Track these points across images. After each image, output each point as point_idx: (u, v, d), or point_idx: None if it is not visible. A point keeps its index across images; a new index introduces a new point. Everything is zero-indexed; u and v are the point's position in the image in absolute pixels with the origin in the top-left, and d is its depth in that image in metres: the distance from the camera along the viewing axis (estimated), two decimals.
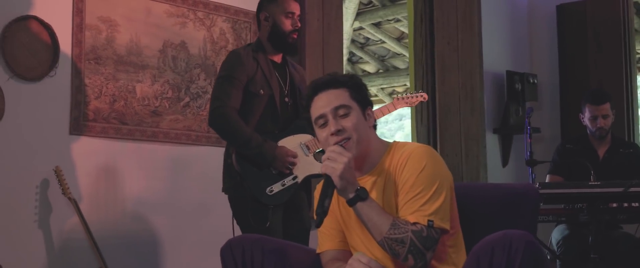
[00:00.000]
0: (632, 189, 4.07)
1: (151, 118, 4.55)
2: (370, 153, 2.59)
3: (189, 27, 4.77)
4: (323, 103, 2.55)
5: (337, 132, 2.51)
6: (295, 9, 3.97)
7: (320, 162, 3.93)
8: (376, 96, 11.13)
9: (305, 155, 3.89)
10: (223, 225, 3.91)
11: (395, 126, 15.19)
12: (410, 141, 6.17)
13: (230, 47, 4.88)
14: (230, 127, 3.77)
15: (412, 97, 4.19)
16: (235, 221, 3.87)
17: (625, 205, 4.32)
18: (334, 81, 2.57)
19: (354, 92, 2.57)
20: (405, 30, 9.08)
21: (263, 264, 2.45)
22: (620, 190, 4.07)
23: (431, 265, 2.45)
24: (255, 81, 3.86)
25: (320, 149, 3.97)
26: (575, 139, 5.10)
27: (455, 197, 2.57)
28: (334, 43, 5.46)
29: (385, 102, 11.44)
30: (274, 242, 2.54)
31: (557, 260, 4.55)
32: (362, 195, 2.42)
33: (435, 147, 6.03)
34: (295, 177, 3.82)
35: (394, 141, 2.67)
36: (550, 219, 4.42)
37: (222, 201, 3.96)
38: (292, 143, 3.89)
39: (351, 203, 2.42)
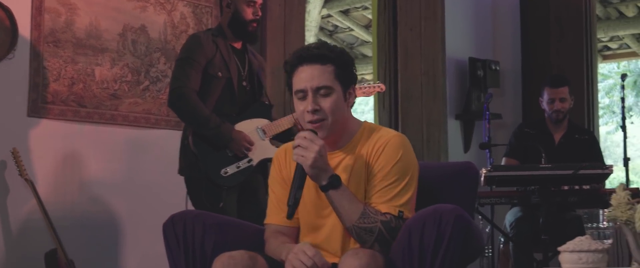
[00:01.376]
0: (581, 171, 4.16)
1: (110, 101, 4.57)
2: (344, 132, 2.59)
3: (149, 11, 4.79)
4: (306, 77, 2.50)
5: (314, 111, 2.49)
6: None
7: (275, 147, 4.01)
8: None
9: (261, 139, 3.94)
10: (181, 207, 3.94)
11: (371, 117, 15.22)
12: None
13: (190, 32, 4.90)
14: (189, 107, 3.82)
15: (369, 87, 4.25)
16: (190, 202, 3.92)
17: (576, 187, 4.41)
18: (322, 56, 2.50)
19: (340, 70, 2.53)
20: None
21: (203, 239, 2.49)
22: (570, 172, 4.16)
23: None
24: (214, 64, 3.91)
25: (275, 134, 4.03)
26: (533, 124, 5.18)
27: None
28: (295, 29, 5.49)
29: None
30: (215, 217, 2.59)
31: (510, 242, 4.63)
32: (335, 183, 2.43)
33: None
34: (250, 160, 3.87)
35: (365, 122, 2.68)
36: (503, 201, 4.50)
37: (180, 184, 4.00)
38: (248, 126, 3.95)
39: (325, 189, 2.43)
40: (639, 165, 14.20)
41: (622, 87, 5.61)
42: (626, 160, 5.27)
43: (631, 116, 12.70)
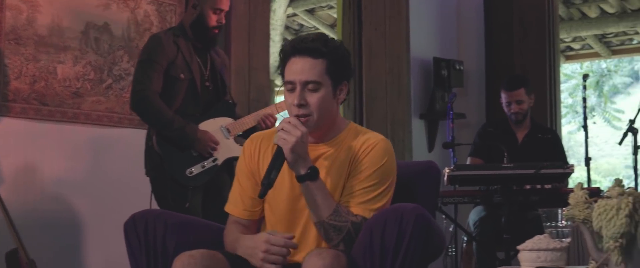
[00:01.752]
0: (543, 171, 4.20)
1: (72, 99, 4.53)
2: (331, 127, 2.59)
3: (112, 9, 4.75)
4: (297, 69, 2.48)
5: (300, 106, 2.48)
6: (225, 6, 4.01)
7: (240, 145, 4.01)
8: None
9: (226, 138, 3.94)
10: (143, 205, 3.93)
11: None
12: None
13: (154, 30, 4.87)
14: (152, 109, 3.82)
15: None
16: (154, 202, 3.91)
17: (538, 186, 4.45)
18: (315, 49, 2.47)
19: (332, 65, 2.49)
20: None
21: (165, 238, 2.48)
22: (531, 171, 4.20)
23: None
24: (176, 65, 3.90)
25: (241, 133, 4.03)
26: (496, 123, 5.23)
27: None
28: (260, 28, 5.48)
29: None
30: (177, 216, 2.57)
31: (473, 241, 4.66)
32: (313, 175, 2.42)
33: None
34: (216, 159, 3.88)
35: (352, 122, 2.68)
36: (466, 201, 4.54)
37: (143, 183, 4.00)
38: (212, 126, 3.94)
39: (301, 179, 2.42)
40: (601, 165, 14.37)
41: (584, 87, 5.66)
42: (587, 160, 5.33)
43: (593, 116, 12.84)
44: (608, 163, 14.62)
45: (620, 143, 4.98)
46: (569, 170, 4.22)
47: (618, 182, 1.91)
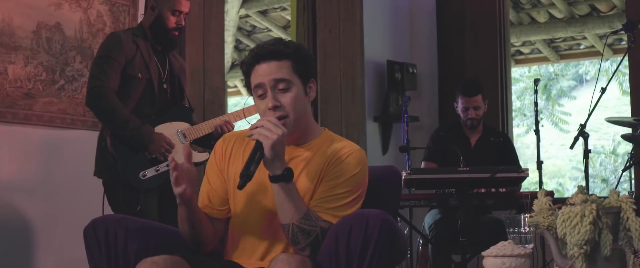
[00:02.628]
0: (498, 175, 4.24)
1: (24, 100, 4.44)
2: (306, 129, 2.58)
3: (64, 9, 4.67)
4: (263, 72, 2.46)
5: (275, 108, 2.45)
6: (184, 7, 3.97)
7: (198, 151, 3.98)
8: None
9: (182, 143, 3.91)
10: (96, 208, 3.88)
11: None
12: None
13: (107, 30, 4.81)
14: (107, 107, 3.76)
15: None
16: (108, 204, 3.86)
17: (493, 190, 4.50)
18: (278, 52, 2.47)
19: (297, 64, 2.49)
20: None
21: (126, 243, 2.44)
22: (487, 175, 4.24)
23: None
24: (134, 65, 3.86)
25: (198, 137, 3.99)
26: (449, 127, 5.27)
27: None
28: (215, 29, 5.45)
29: None
30: (138, 221, 2.54)
31: (429, 244, 4.69)
32: (288, 177, 2.39)
33: None
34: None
35: (326, 129, 2.68)
36: (422, 204, 4.56)
37: (97, 186, 3.94)
38: (169, 129, 3.91)
39: (275, 180, 2.38)
40: (547, 167, 14.58)
41: (536, 91, 5.73)
42: (539, 163, 5.39)
43: (541, 119, 13.00)
44: (554, 165, 14.83)
45: (571, 147, 5.04)
46: (524, 174, 4.27)
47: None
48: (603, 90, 4.97)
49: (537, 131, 5.48)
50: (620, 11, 8.03)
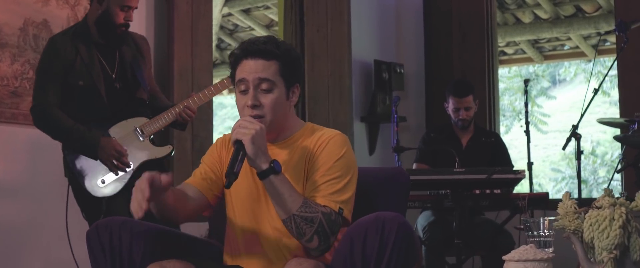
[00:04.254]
0: (494, 176, 4.20)
1: (10, 99, 4.34)
2: (284, 128, 2.54)
3: (51, 5, 4.57)
4: (249, 69, 2.43)
5: (253, 106, 2.42)
6: (134, 3, 3.77)
7: (156, 145, 3.85)
8: None
9: (140, 140, 3.76)
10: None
11: None
12: None
13: None
14: (50, 123, 3.67)
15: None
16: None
17: (488, 191, 4.46)
18: (267, 51, 2.44)
19: (284, 67, 2.46)
20: (275, 18, 9.04)
21: (131, 247, 2.36)
22: (483, 176, 4.20)
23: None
24: (74, 72, 3.69)
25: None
26: (440, 128, 5.22)
27: None
28: (203, 28, 5.37)
29: None
30: (142, 224, 2.45)
31: (423, 246, 4.64)
32: (276, 168, 2.34)
33: None
34: (128, 165, 3.67)
35: (309, 122, 2.63)
36: (416, 205, 4.52)
37: None
38: (125, 128, 3.74)
39: (264, 175, 2.33)
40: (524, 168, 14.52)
41: (526, 92, 5.72)
42: (529, 164, 5.37)
43: (520, 120, 13.02)
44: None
45: (564, 148, 5.02)
46: (521, 175, 4.23)
47: (608, 192, 1.88)
48: (596, 91, 4.96)
49: (527, 132, 5.48)
50: (606, 12, 8.05)
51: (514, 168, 4.38)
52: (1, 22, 4.31)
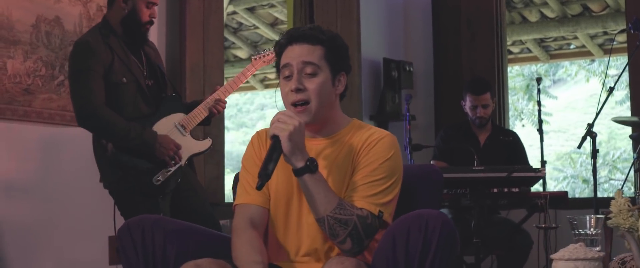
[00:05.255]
0: (514, 174, 4.16)
1: (23, 96, 4.28)
2: (331, 120, 2.46)
3: (63, 2, 4.51)
4: (293, 54, 2.38)
5: (297, 90, 2.35)
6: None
7: (198, 140, 3.83)
8: (247, 82, 10.97)
9: (183, 136, 3.76)
10: (97, 209, 3.76)
11: (257, 115, 15.00)
12: None
13: None
14: (103, 123, 3.59)
15: (270, 54, 4.06)
16: (119, 214, 3.70)
17: (506, 190, 4.41)
18: (312, 36, 2.38)
19: (330, 53, 2.40)
20: (280, 16, 9.00)
21: (165, 246, 2.30)
22: (503, 175, 4.15)
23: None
24: (114, 70, 3.64)
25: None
26: (457, 126, 5.17)
27: None
28: (214, 24, 5.32)
29: (257, 89, 11.33)
30: (175, 222, 2.40)
31: None
32: (312, 167, 2.27)
33: None
34: (181, 159, 3.70)
35: (355, 119, 2.56)
36: None
37: (97, 185, 3.79)
38: (167, 125, 3.75)
39: (299, 173, 2.26)
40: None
41: (538, 90, 5.66)
42: (543, 163, 5.32)
43: (522, 119, 13.00)
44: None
45: (579, 147, 4.97)
46: (541, 173, 4.19)
47: None
48: (611, 89, 4.91)
49: (540, 131, 5.41)
50: (613, 11, 8.01)
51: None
52: (13, 19, 4.25)
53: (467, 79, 6.26)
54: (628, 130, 5.73)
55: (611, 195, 2.16)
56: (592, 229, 2.07)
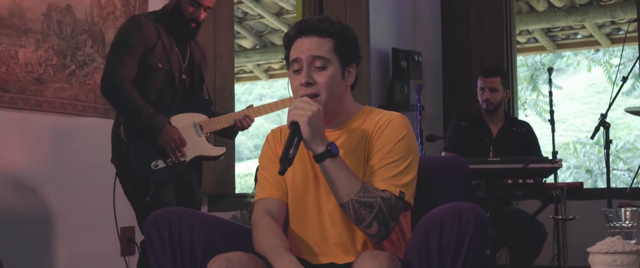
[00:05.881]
0: (530, 165, 4.12)
1: (34, 86, 4.23)
2: (341, 111, 2.44)
3: None
4: (303, 48, 2.36)
5: (307, 84, 2.33)
6: (207, 2, 3.75)
7: (212, 144, 3.81)
8: (252, 72, 10.94)
9: (198, 136, 3.74)
10: (110, 200, 3.72)
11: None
12: None
13: (118, 14, 4.62)
14: (121, 96, 3.59)
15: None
16: (121, 193, 3.72)
17: (520, 181, 4.37)
18: (322, 28, 2.37)
19: (339, 45, 2.38)
20: (285, 6, 8.94)
21: (192, 239, 2.27)
22: (520, 166, 4.12)
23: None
24: (154, 53, 3.67)
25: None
26: (469, 117, 5.14)
27: None
28: (224, 14, 5.29)
29: (260, 78, 11.29)
30: (201, 215, 2.37)
31: None
32: (333, 151, 2.24)
33: None
34: (183, 156, 3.67)
35: (367, 106, 2.53)
36: None
37: (109, 175, 3.78)
38: (185, 120, 3.74)
39: (320, 158, 2.24)
40: None
41: (550, 81, 5.64)
42: (554, 154, 5.29)
43: (525, 109, 12.96)
44: None
45: (592, 137, 4.95)
46: (558, 164, 4.15)
47: None
48: (624, 79, 4.88)
49: (552, 121, 5.38)
50: (622, 0, 7.96)
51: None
52: (25, 7, 4.21)
53: (476, 69, 6.24)
54: (629, 120, 5.73)
55: (620, 186, 2.13)
56: (627, 222, 2.04)
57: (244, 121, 3.85)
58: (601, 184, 13.54)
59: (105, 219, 4.01)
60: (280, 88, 13.91)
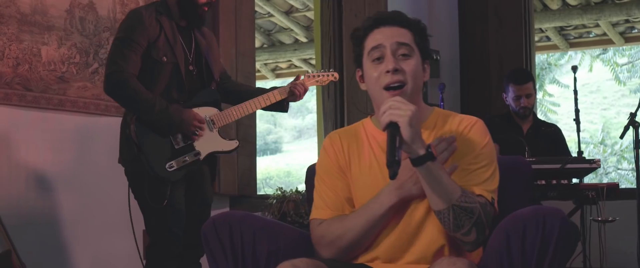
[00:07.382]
0: (568, 166, 4.03)
1: (57, 84, 4.12)
2: (419, 109, 2.26)
3: None
4: (384, 36, 2.22)
5: (395, 71, 2.18)
6: None
7: (224, 139, 3.65)
8: (259, 71, 10.81)
9: (210, 130, 3.59)
10: (133, 201, 3.60)
11: None
12: (316, 116, 5.98)
13: None
14: (128, 93, 3.43)
15: (323, 75, 4.00)
16: (132, 195, 3.59)
17: (554, 182, 4.28)
18: (400, 19, 2.25)
19: (419, 38, 2.26)
20: (295, 4, 8.83)
21: (254, 244, 2.15)
22: (557, 166, 4.02)
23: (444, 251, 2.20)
24: (158, 47, 3.51)
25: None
26: (500, 116, 5.04)
27: None
28: (246, 12, 5.19)
29: (268, 78, 11.17)
30: (262, 220, 2.25)
31: None
32: (433, 154, 2.08)
33: (342, 122, 5.86)
34: (198, 154, 3.54)
35: (436, 107, 2.40)
36: None
37: None
38: None
39: (421, 161, 2.06)
40: None
41: (575, 80, 5.53)
42: (580, 153, 5.20)
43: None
44: None
45: (621, 137, 4.85)
46: (596, 165, 4.06)
47: None
48: None
49: (577, 121, 5.28)
50: None
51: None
52: (48, 3, 4.10)
53: (494, 67, 6.14)
54: None
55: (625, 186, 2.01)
56: None
57: (299, 87, 3.79)
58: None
59: (128, 221, 3.90)
60: None
